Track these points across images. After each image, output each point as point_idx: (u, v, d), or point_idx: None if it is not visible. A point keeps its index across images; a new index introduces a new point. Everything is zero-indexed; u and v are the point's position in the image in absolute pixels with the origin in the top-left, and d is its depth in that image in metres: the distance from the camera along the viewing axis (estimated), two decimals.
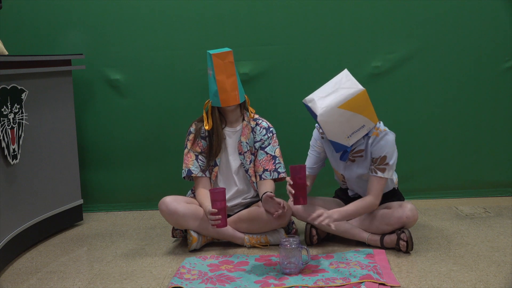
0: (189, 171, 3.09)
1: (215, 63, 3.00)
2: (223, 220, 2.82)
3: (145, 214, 3.77)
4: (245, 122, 3.12)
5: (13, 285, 2.65)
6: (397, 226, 2.84)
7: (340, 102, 2.71)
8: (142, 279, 2.65)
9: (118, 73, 3.78)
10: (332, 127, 2.75)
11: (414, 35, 3.70)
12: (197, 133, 3.11)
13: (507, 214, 3.42)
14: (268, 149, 3.09)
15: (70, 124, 3.50)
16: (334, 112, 2.71)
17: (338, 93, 2.74)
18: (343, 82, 2.78)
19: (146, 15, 3.74)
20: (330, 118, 2.73)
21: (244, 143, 3.10)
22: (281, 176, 3.07)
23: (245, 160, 3.10)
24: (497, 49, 3.69)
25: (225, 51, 3.03)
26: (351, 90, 2.72)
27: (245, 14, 3.71)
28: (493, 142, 3.77)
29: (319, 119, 2.74)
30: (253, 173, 3.11)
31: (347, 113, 2.72)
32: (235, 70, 3.04)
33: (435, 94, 3.74)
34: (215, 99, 3.04)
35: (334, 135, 2.79)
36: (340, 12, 3.69)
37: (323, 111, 2.72)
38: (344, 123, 2.74)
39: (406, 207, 2.83)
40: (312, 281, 2.49)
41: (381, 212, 2.90)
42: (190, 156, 3.11)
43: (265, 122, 3.16)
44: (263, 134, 3.11)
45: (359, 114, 2.74)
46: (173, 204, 2.94)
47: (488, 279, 2.47)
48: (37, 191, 3.20)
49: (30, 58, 3.12)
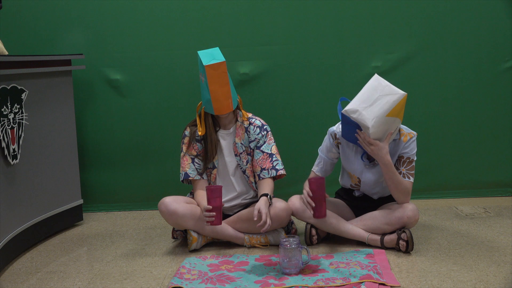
0: (186, 174, 3.07)
1: (208, 73, 2.92)
2: (218, 218, 2.80)
3: (145, 214, 3.77)
4: (238, 122, 3.09)
5: (13, 285, 2.65)
6: (398, 226, 2.84)
7: (387, 111, 2.71)
8: (142, 279, 2.65)
9: (118, 73, 3.78)
10: (378, 133, 2.76)
11: (414, 35, 3.70)
12: (191, 136, 3.09)
13: (507, 214, 3.42)
14: (264, 148, 3.07)
15: (70, 124, 3.50)
16: (383, 121, 2.72)
17: (382, 100, 2.72)
18: (382, 88, 2.75)
19: (146, 15, 3.74)
20: (379, 127, 2.73)
21: (239, 144, 3.08)
22: (280, 173, 3.04)
23: (242, 161, 3.09)
24: (497, 49, 3.69)
25: (218, 62, 2.91)
26: (395, 97, 2.72)
27: (245, 14, 3.71)
28: (493, 142, 3.77)
29: (372, 131, 2.72)
30: (251, 174, 3.10)
31: (391, 119, 2.75)
32: (228, 79, 2.96)
33: (435, 94, 3.74)
34: (208, 106, 3.00)
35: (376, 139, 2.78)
36: (340, 12, 3.69)
37: (374, 122, 2.71)
38: (387, 130, 2.77)
39: (407, 207, 2.84)
40: (312, 281, 2.49)
41: (382, 212, 2.90)
42: (186, 160, 3.09)
43: (259, 121, 3.12)
44: (257, 133, 3.09)
45: (397, 118, 2.78)
46: (172, 204, 2.94)
47: (488, 279, 2.47)
48: (37, 191, 3.20)
49: (30, 58, 3.12)
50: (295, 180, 3.52)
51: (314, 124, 3.73)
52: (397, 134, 2.88)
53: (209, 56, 2.97)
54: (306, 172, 3.41)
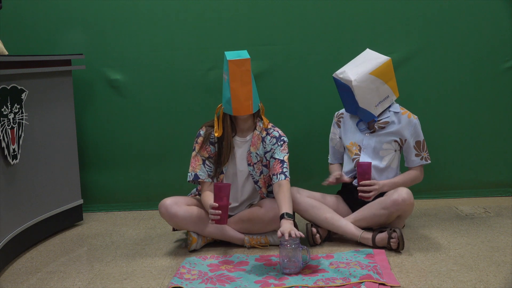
0: (196, 175, 2.97)
1: (231, 69, 2.82)
2: (223, 217, 2.69)
3: (145, 214, 3.77)
4: (256, 131, 2.98)
5: (13, 285, 2.65)
6: (393, 209, 2.87)
7: (371, 69, 3.01)
8: (142, 279, 2.65)
9: (118, 73, 3.78)
10: (364, 93, 3.01)
11: (414, 35, 3.70)
12: (206, 137, 2.98)
13: (507, 214, 3.42)
14: (276, 155, 2.94)
15: (70, 124, 3.50)
16: (366, 78, 3.01)
17: (367, 62, 3.05)
18: (369, 55, 3.11)
19: (146, 15, 3.74)
20: (363, 83, 2.99)
21: (254, 153, 2.98)
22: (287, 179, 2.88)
23: (255, 171, 3.00)
24: (497, 49, 3.69)
25: (243, 59, 2.84)
26: (380, 59, 3.06)
27: (245, 14, 3.71)
28: (493, 142, 3.77)
29: (354, 84, 2.98)
30: (264, 185, 3.02)
31: (377, 81, 3.02)
32: (251, 78, 2.87)
33: (435, 94, 3.74)
34: (227, 107, 2.89)
35: (365, 103, 3.03)
36: (340, 12, 3.69)
37: (357, 76, 2.99)
38: (374, 91, 3.02)
39: (402, 190, 2.90)
40: (312, 281, 2.49)
41: (378, 199, 2.94)
42: (197, 160, 2.99)
43: (277, 131, 3.00)
44: (273, 143, 2.96)
45: (385, 84, 3.05)
46: (173, 207, 2.91)
47: (488, 279, 2.47)
48: (37, 191, 3.20)
49: (30, 58, 3.12)
50: (295, 180, 3.50)
51: (314, 124, 3.73)
52: (394, 107, 3.11)
53: (235, 54, 2.90)
54: (306, 171, 3.42)
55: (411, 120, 3.08)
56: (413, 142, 3.09)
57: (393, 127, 3.07)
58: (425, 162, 3.12)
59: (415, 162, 3.11)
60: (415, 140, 3.09)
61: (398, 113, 3.10)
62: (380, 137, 3.07)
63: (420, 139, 3.11)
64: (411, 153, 3.10)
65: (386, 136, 3.07)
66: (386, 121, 3.08)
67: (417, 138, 3.10)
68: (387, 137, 3.07)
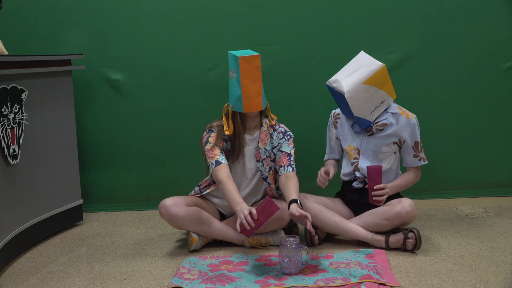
0: (217, 161, 2.89)
1: (242, 66, 2.82)
2: (252, 231, 2.60)
3: (145, 214, 3.77)
4: (263, 128, 3.00)
5: (13, 285, 2.65)
6: (396, 221, 2.84)
7: (364, 79, 2.95)
8: (142, 279, 2.65)
9: (118, 73, 3.78)
10: (358, 103, 2.96)
11: (414, 35, 3.70)
12: (219, 133, 2.97)
13: (507, 214, 3.42)
14: (284, 148, 3.00)
15: (70, 124, 3.50)
16: (359, 88, 2.94)
17: (360, 70, 2.98)
18: (363, 61, 3.03)
19: (146, 15, 3.74)
20: (356, 94, 2.94)
21: (263, 150, 2.99)
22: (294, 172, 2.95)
23: (264, 167, 3.01)
24: (497, 49, 3.69)
25: (253, 55, 2.85)
26: (372, 67, 2.98)
27: (245, 14, 3.71)
28: (493, 142, 3.77)
29: (347, 96, 2.93)
30: (272, 180, 3.04)
31: (371, 89, 2.96)
32: (260, 75, 2.88)
33: (435, 94, 3.74)
34: (237, 104, 2.89)
35: (360, 111, 2.98)
36: (340, 12, 3.69)
37: (350, 87, 2.93)
38: (368, 99, 2.97)
39: (405, 202, 2.86)
40: (312, 281, 2.49)
41: (380, 208, 2.91)
42: (214, 149, 2.93)
43: (283, 128, 3.06)
44: (280, 138, 3.02)
45: (380, 89, 2.98)
46: (173, 208, 2.91)
47: (488, 279, 2.47)
48: (37, 191, 3.20)
49: (30, 58, 3.12)
50: None
51: (314, 124, 3.72)
52: (392, 107, 3.05)
53: (242, 52, 2.91)
54: (306, 171, 3.41)
55: (409, 121, 3.05)
56: (411, 143, 3.06)
57: (391, 129, 3.03)
58: (424, 163, 3.11)
59: (414, 163, 3.10)
60: (414, 140, 3.07)
61: (396, 113, 3.05)
62: (378, 140, 3.04)
63: (418, 139, 3.07)
64: (409, 154, 3.09)
65: (385, 139, 3.04)
66: (384, 123, 3.03)
67: (415, 139, 3.07)
68: (386, 140, 3.04)
